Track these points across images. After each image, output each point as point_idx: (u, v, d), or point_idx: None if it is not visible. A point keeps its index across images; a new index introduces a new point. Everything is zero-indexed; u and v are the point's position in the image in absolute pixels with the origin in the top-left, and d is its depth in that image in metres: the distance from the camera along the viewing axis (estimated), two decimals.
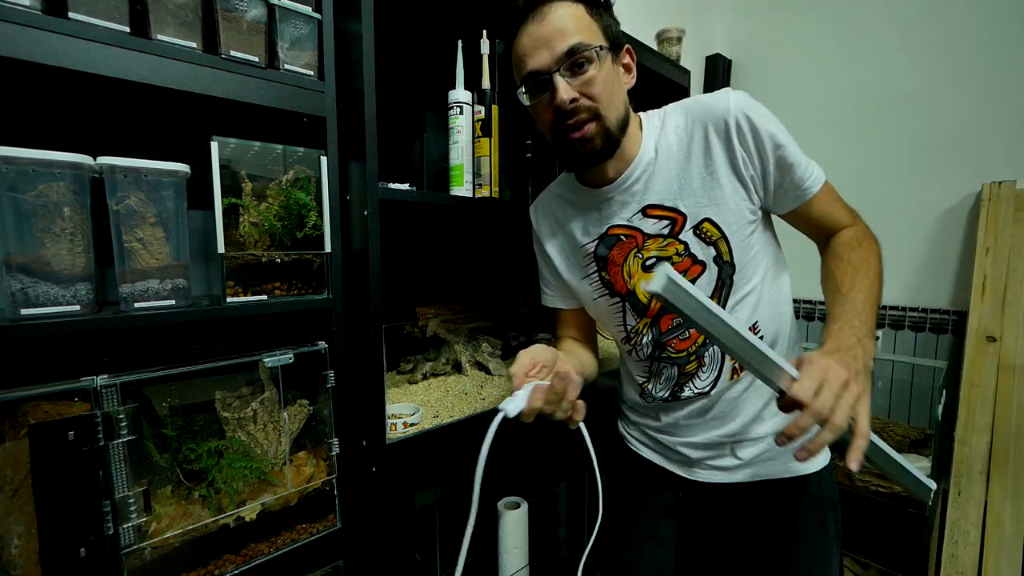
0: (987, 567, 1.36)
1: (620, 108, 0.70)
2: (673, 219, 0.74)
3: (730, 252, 0.73)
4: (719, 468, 0.80)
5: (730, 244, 0.72)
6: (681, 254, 0.74)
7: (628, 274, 0.78)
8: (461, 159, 0.92)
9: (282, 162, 0.74)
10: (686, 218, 0.73)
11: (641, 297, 0.78)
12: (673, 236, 0.74)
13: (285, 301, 0.74)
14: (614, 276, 0.79)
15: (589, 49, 0.65)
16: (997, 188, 1.56)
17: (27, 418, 0.56)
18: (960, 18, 1.65)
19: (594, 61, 0.66)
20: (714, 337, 0.53)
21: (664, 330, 0.78)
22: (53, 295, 0.57)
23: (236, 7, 0.68)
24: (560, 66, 0.65)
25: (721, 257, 0.73)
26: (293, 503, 0.77)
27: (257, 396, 0.75)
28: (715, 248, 0.73)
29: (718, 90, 0.72)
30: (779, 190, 0.73)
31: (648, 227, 0.75)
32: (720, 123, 0.70)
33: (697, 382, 0.78)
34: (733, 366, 0.76)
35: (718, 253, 0.73)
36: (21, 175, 0.55)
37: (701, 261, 0.73)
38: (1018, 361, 1.45)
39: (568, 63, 0.65)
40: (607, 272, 0.80)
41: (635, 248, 0.76)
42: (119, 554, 0.62)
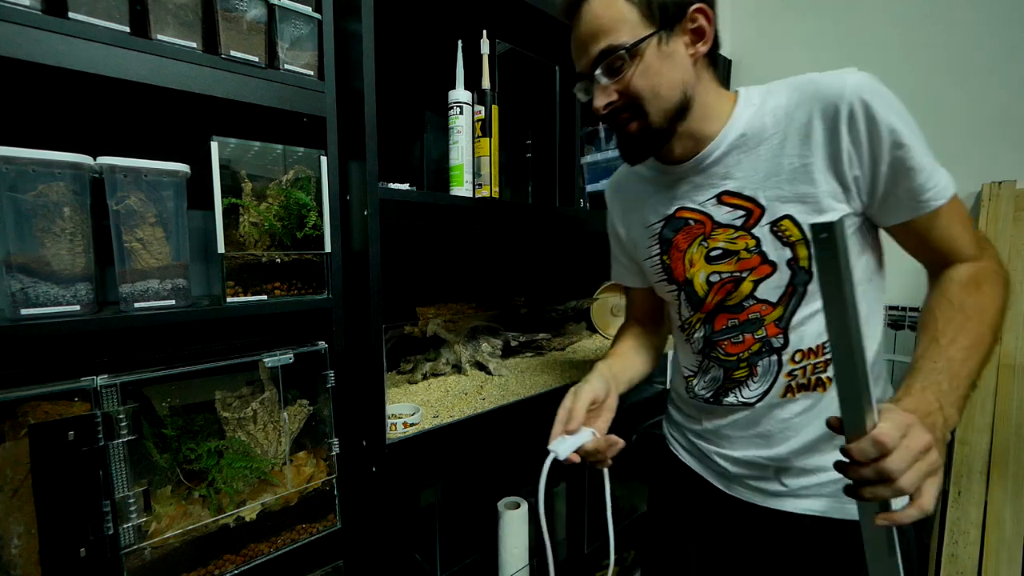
0: (987, 567, 1.36)
1: (673, 95, 0.63)
2: (749, 210, 0.65)
3: (810, 259, 0.63)
4: (761, 491, 0.72)
5: (811, 249, 0.62)
6: (750, 250, 0.66)
7: (689, 262, 0.72)
8: (461, 159, 0.91)
9: (282, 162, 0.74)
10: (764, 211, 0.64)
11: (699, 289, 0.71)
12: (745, 229, 0.66)
13: (285, 301, 0.74)
14: (675, 262, 0.73)
15: (620, 50, 0.60)
16: (997, 188, 1.56)
17: (27, 418, 0.56)
18: (960, 18, 1.65)
19: (625, 59, 0.61)
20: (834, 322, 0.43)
21: (717, 329, 0.71)
22: (53, 295, 0.57)
23: (236, 7, 0.68)
24: (594, 70, 0.63)
25: (797, 261, 0.63)
26: (293, 503, 0.77)
27: (257, 396, 0.75)
28: (792, 250, 0.63)
29: (843, 69, 0.61)
30: (889, 197, 0.60)
31: (720, 215, 0.67)
32: (829, 108, 0.59)
33: (744, 391, 0.71)
34: (790, 383, 0.67)
35: (794, 257, 0.63)
36: (21, 175, 0.55)
37: (772, 262, 0.65)
38: (1018, 361, 1.45)
39: (603, 66, 0.62)
40: (668, 256, 0.74)
41: (702, 236, 0.70)
42: (119, 554, 0.62)
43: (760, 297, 0.66)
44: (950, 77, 1.68)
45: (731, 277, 0.68)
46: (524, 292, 1.38)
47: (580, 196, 1.22)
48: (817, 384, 0.67)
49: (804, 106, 0.62)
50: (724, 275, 0.68)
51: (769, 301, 0.66)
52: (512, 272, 1.42)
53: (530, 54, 1.06)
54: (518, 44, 1.03)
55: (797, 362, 0.66)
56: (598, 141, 1.42)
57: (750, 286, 0.67)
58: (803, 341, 0.65)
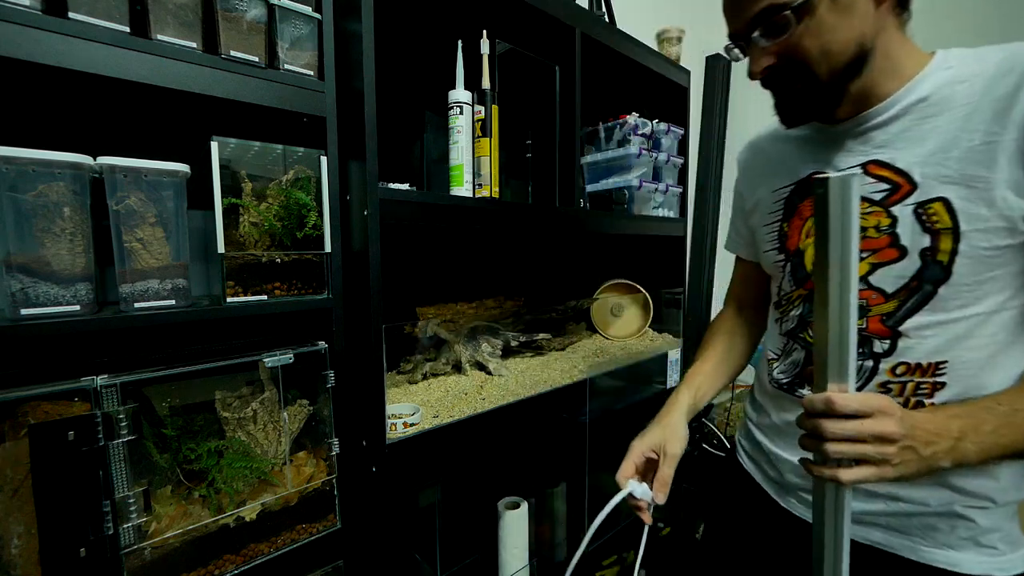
0: None
1: (847, 50, 0.54)
2: (896, 184, 0.56)
3: (953, 255, 0.52)
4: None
5: (958, 245, 0.52)
6: (881, 230, 0.56)
7: (806, 232, 0.65)
8: (461, 159, 0.92)
9: (282, 162, 0.74)
10: (915, 189, 0.54)
11: (807, 263, 0.65)
12: (883, 205, 0.56)
13: (285, 301, 0.74)
14: (793, 230, 0.67)
15: (785, 9, 0.52)
16: None
17: (27, 418, 0.56)
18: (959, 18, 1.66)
19: (792, 18, 0.52)
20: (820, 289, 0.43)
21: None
22: (53, 295, 0.57)
23: (236, 7, 0.68)
24: (750, 32, 0.55)
25: (934, 255, 0.53)
26: (293, 503, 0.77)
27: (257, 396, 0.75)
28: (933, 239, 0.53)
29: None
30: None
31: (873, 186, 0.58)
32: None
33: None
34: (887, 384, 0.58)
35: (933, 247, 0.53)
36: (21, 175, 0.55)
37: (903, 247, 0.55)
38: None
39: (764, 26, 0.54)
40: (788, 224, 0.68)
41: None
42: (119, 554, 0.62)
43: (873, 284, 0.57)
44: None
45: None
46: (524, 292, 1.38)
47: (580, 196, 1.21)
48: (916, 407, 0.56)
49: (1012, 75, 0.50)
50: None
51: (883, 290, 0.57)
52: (512, 272, 1.42)
53: (530, 54, 1.06)
54: (518, 44, 1.03)
55: (897, 375, 0.57)
56: (598, 141, 1.42)
57: (867, 267, 0.57)
58: (913, 353, 0.56)
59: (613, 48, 1.25)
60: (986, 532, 0.57)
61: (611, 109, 1.41)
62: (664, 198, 1.46)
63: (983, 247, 0.51)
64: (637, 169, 1.33)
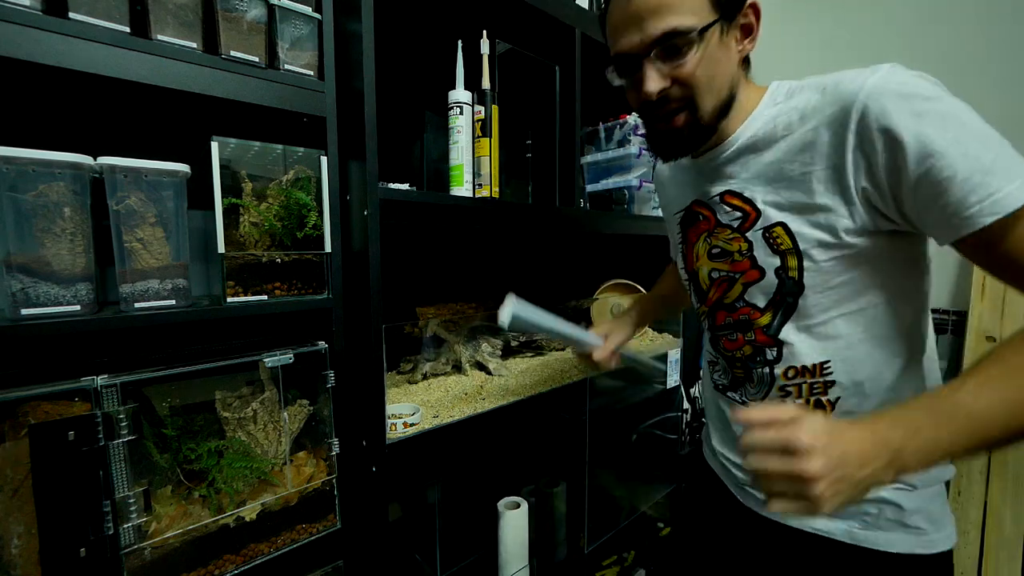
0: (987, 567, 1.36)
1: (723, 89, 0.60)
2: (747, 212, 0.63)
3: (800, 270, 0.59)
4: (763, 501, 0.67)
5: (802, 261, 0.58)
6: (743, 253, 0.63)
7: (696, 255, 0.71)
8: (461, 159, 0.92)
9: (282, 162, 0.74)
10: (760, 215, 0.61)
11: (702, 283, 0.71)
12: (740, 232, 0.63)
13: (285, 301, 0.74)
14: (688, 252, 0.74)
15: (689, 33, 0.54)
16: None
17: (27, 418, 0.56)
18: (959, 18, 1.66)
19: (693, 44, 0.55)
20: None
21: (718, 324, 0.70)
22: (53, 295, 0.57)
23: (236, 7, 0.68)
24: (650, 52, 0.56)
25: (786, 271, 0.60)
26: (293, 503, 0.77)
27: (257, 396, 0.75)
28: (781, 259, 0.60)
29: (875, 66, 0.53)
30: (924, 214, 0.51)
31: (722, 215, 0.65)
32: (840, 113, 0.53)
33: (749, 389, 0.69)
34: (784, 399, 0.64)
35: (783, 266, 0.60)
36: (21, 175, 0.55)
37: (760, 267, 0.62)
38: None
39: (664, 47, 0.56)
40: (684, 246, 0.75)
41: (707, 232, 0.69)
42: (119, 554, 0.62)
43: (749, 300, 0.65)
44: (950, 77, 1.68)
45: (727, 276, 0.67)
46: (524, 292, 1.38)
47: (580, 196, 1.21)
48: (816, 406, 0.62)
49: (821, 110, 0.56)
50: (722, 273, 0.68)
51: (757, 306, 0.64)
52: (512, 272, 1.42)
53: (530, 54, 1.06)
54: (518, 44, 1.03)
55: (790, 378, 0.63)
56: (598, 141, 1.42)
57: (740, 288, 0.65)
58: (798, 357, 0.62)
59: None
60: (911, 514, 0.61)
61: (611, 109, 1.41)
62: None
63: (823, 260, 0.57)
64: (637, 169, 1.33)
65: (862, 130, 0.52)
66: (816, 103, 0.57)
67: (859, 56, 1.87)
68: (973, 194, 0.47)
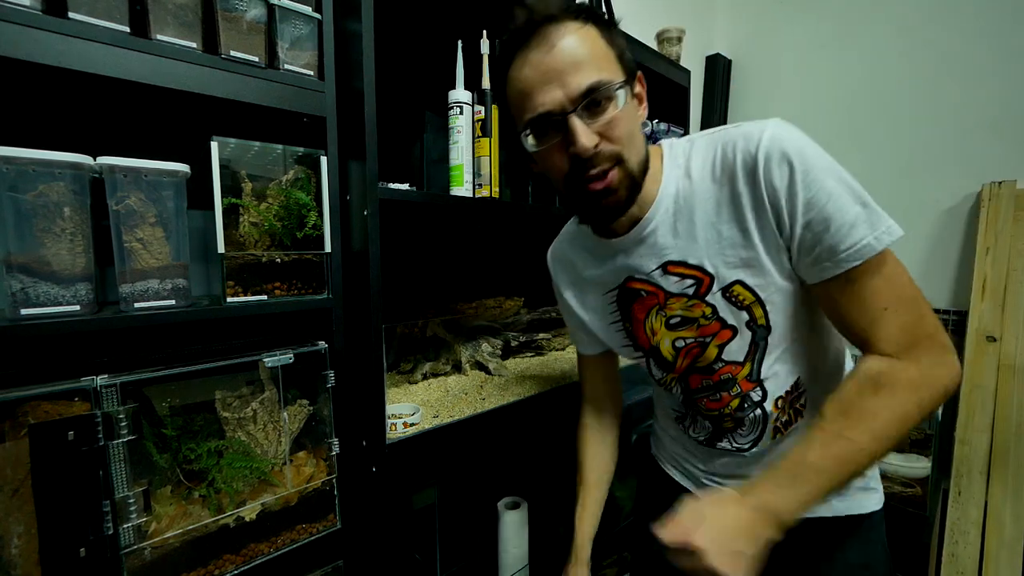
0: (987, 567, 1.36)
1: (641, 148, 0.60)
2: (699, 279, 0.63)
3: (766, 316, 0.62)
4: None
5: (766, 308, 0.61)
6: (708, 317, 0.64)
7: (651, 330, 0.70)
8: (461, 159, 0.91)
9: (282, 162, 0.74)
10: (714, 279, 0.62)
11: (666, 355, 0.70)
12: (699, 297, 0.64)
13: (285, 301, 0.74)
14: (637, 330, 0.72)
15: (611, 86, 0.55)
16: (997, 188, 1.56)
17: (27, 418, 0.56)
18: (960, 18, 1.66)
19: (614, 99, 0.55)
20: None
21: (693, 388, 0.70)
22: (53, 295, 0.57)
23: (236, 7, 0.68)
24: (577, 106, 0.54)
25: (755, 321, 0.62)
26: (293, 503, 0.77)
27: (257, 396, 0.75)
28: (748, 312, 0.62)
29: (760, 121, 0.58)
30: (806, 255, 0.56)
31: (670, 285, 0.65)
32: (749, 167, 0.56)
33: (737, 438, 0.70)
34: (776, 425, 0.67)
35: (751, 318, 0.62)
36: (21, 175, 0.55)
37: (731, 326, 0.63)
38: (1018, 361, 1.45)
39: (586, 103, 0.55)
40: (630, 323, 0.72)
41: (657, 306, 0.68)
42: (119, 554, 0.62)
43: (727, 359, 0.66)
44: (950, 77, 1.68)
45: (696, 342, 0.66)
46: (524, 292, 1.38)
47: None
48: (796, 415, 0.67)
49: (728, 168, 0.58)
50: (688, 340, 0.67)
51: (736, 361, 0.65)
52: (512, 272, 1.42)
53: None
54: None
55: (780, 407, 0.66)
56: None
57: (715, 350, 0.66)
58: (779, 388, 0.66)
59: None
60: (870, 478, 0.72)
61: None
62: None
63: (780, 300, 0.61)
64: None
65: (769, 177, 0.55)
66: (722, 161, 0.59)
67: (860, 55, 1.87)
68: (847, 238, 0.53)
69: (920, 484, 1.55)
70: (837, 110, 1.90)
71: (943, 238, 1.70)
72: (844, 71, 1.89)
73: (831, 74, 1.91)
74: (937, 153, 1.70)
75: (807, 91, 1.97)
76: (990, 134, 1.60)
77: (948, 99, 1.69)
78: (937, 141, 1.70)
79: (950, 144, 1.68)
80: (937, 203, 1.71)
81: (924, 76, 1.73)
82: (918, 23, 1.73)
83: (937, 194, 1.70)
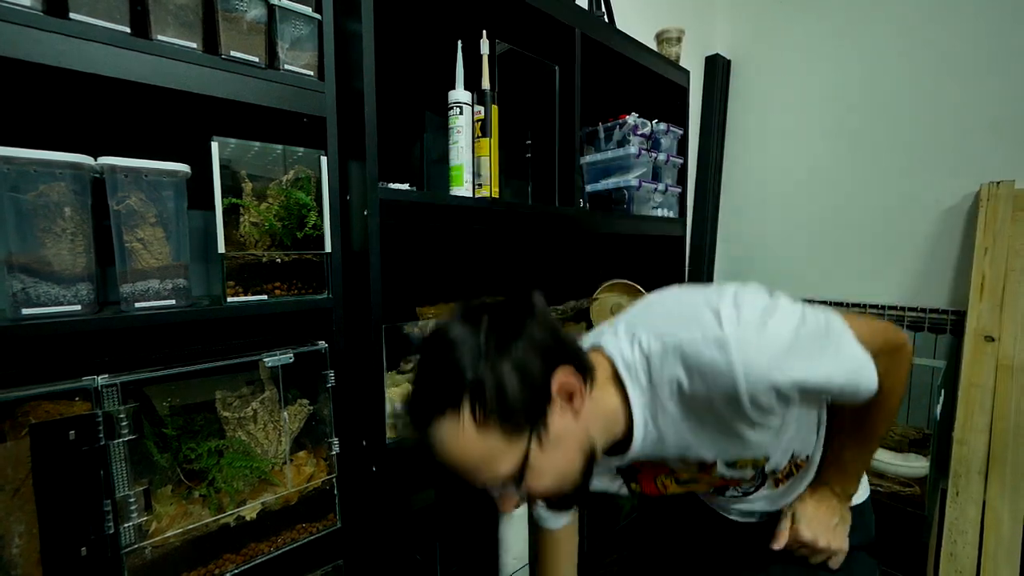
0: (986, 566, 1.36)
1: (577, 464, 0.58)
2: (702, 463, 0.66)
3: (767, 458, 0.67)
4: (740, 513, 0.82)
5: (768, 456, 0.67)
6: (715, 477, 0.69)
7: (662, 485, 0.73)
8: (461, 159, 0.92)
9: (282, 162, 0.74)
10: (716, 462, 0.65)
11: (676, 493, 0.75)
12: (706, 471, 0.67)
13: (285, 301, 0.74)
14: (645, 488, 0.74)
15: (508, 479, 0.54)
16: (995, 188, 1.56)
17: (28, 418, 0.56)
18: (960, 18, 1.66)
19: (524, 473, 0.54)
20: None
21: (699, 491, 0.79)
22: (54, 295, 0.57)
23: (236, 7, 0.68)
24: (492, 491, 0.58)
25: (758, 467, 0.68)
26: (293, 503, 0.77)
27: (257, 396, 0.75)
28: (752, 467, 0.68)
29: (708, 340, 0.54)
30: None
31: (676, 465, 0.68)
32: (733, 401, 0.55)
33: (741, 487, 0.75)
34: (777, 477, 0.72)
35: (755, 468, 0.68)
36: (22, 175, 0.55)
37: (738, 477, 0.70)
38: (1016, 361, 1.45)
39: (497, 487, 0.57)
40: (637, 483, 0.74)
41: (666, 472, 0.71)
42: (120, 553, 0.62)
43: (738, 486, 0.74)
44: (949, 77, 1.68)
45: (707, 484, 0.74)
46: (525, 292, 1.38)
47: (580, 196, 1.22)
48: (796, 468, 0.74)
49: (704, 399, 0.56)
50: (701, 485, 0.74)
51: (745, 478, 0.71)
52: (512, 272, 1.42)
53: (530, 54, 1.07)
54: (518, 44, 1.03)
55: (776, 476, 0.73)
56: (598, 141, 1.42)
57: (726, 487, 0.74)
58: (776, 469, 0.71)
59: (613, 48, 1.25)
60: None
61: (611, 109, 1.41)
62: (663, 198, 1.46)
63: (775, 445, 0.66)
64: (636, 169, 1.33)
65: (757, 407, 0.55)
66: (693, 388, 0.56)
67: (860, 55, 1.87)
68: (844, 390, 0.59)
69: (919, 484, 1.56)
70: (836, 110, 1.90)
71: (942, 238, 1.70)
72: (843, 71, 1.89)
73: (830, 74, 1.91)
74: (936, 153, 1.70)
75: (806, 91, 1.97)
76: (989, 134, 1.60)
77: (947, 99, 1.69)
78: (936, 141, 1.71)
79: (949, 144, 1.68)
80: (936, 203, 1.71)
81: (923, 76, 1.73)
82: (917, 23, 1.74)
83: (936, 194, 1.70)
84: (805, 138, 1.98)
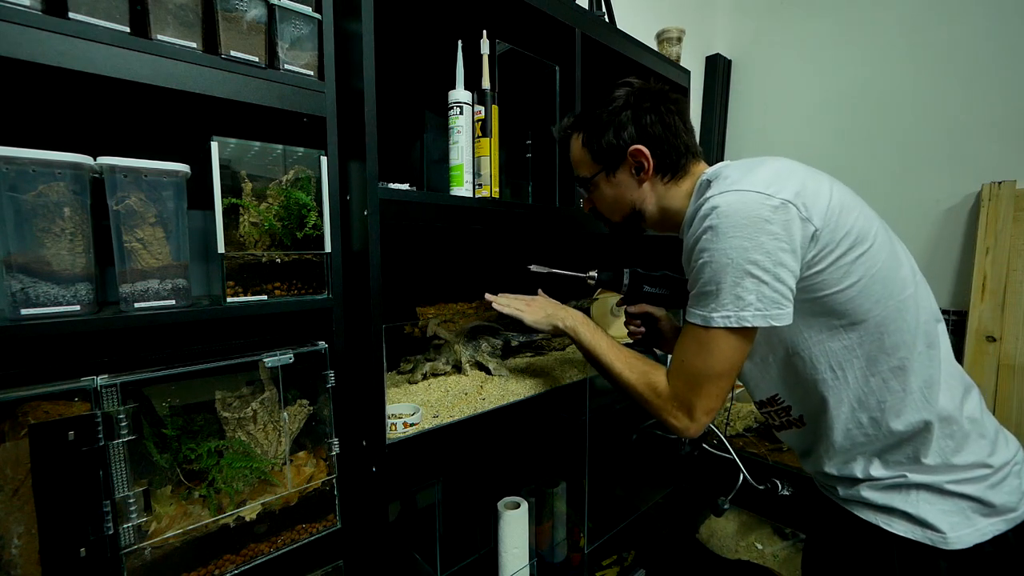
0: None
1: (623, 210, 0.85)
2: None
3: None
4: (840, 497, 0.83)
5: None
6: None
7: None
8: (461, 159, 0.91)
9: (282, 162, 0.74)
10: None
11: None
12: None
13: (285, 301, 0.74)
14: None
15: (583, 182, 0.86)
16: (997, 188, 1.56)
17: (27, 418, 0.56)
18: (960, 18, 1.66)
19: (589, 186, 0.85)
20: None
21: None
22: (53, 295, 0.57)
23: (236, 7, 0.68)
24: (578, 186, 0.90)
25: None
26: (293, 503, 0.77)
27: (257, 396, 0.75)
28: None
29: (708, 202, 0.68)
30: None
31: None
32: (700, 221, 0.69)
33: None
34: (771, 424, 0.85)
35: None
36: (21, 175, 0.55)
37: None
38: (1018, 361, 1.45)
39: (579, 186, 0.89)
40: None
41: None
42: (119, 554, 0.62)
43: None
44: (950, 77, 1.68)
45: None
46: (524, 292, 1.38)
47: (580, 196, 1.21)
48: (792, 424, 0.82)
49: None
50: None
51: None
52: (512, 272, 1.42)
53: (530, 54, 1.06)
54: (518, 44, 1.03)
55: (763, 411, 0.84)
56: None
57: None
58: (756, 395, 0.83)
59: (613, 48, 1.25)
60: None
61: None
62: None
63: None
64: None
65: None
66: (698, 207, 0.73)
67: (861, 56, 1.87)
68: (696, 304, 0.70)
69: None
70: (837, 110, 1.90)
71: (943, 238, 1.70)
72: (844, 71, 1.89)
73: (831, 74, 1.91)
74: (937, 153, 1.70)
75: (807, 91, 1.97)
76: (990, 134, 1.60)
77: (948, 99, 1.69)
78: (937, 141, 1.70)
79: (950, 144, 1.68)
80: (937, 203, 1.71)
81: (924, 76, 1.73)
82: (918, 23, 1.73)
83: (937, 194, 1.70)
84: (806, 138, 1.98)
